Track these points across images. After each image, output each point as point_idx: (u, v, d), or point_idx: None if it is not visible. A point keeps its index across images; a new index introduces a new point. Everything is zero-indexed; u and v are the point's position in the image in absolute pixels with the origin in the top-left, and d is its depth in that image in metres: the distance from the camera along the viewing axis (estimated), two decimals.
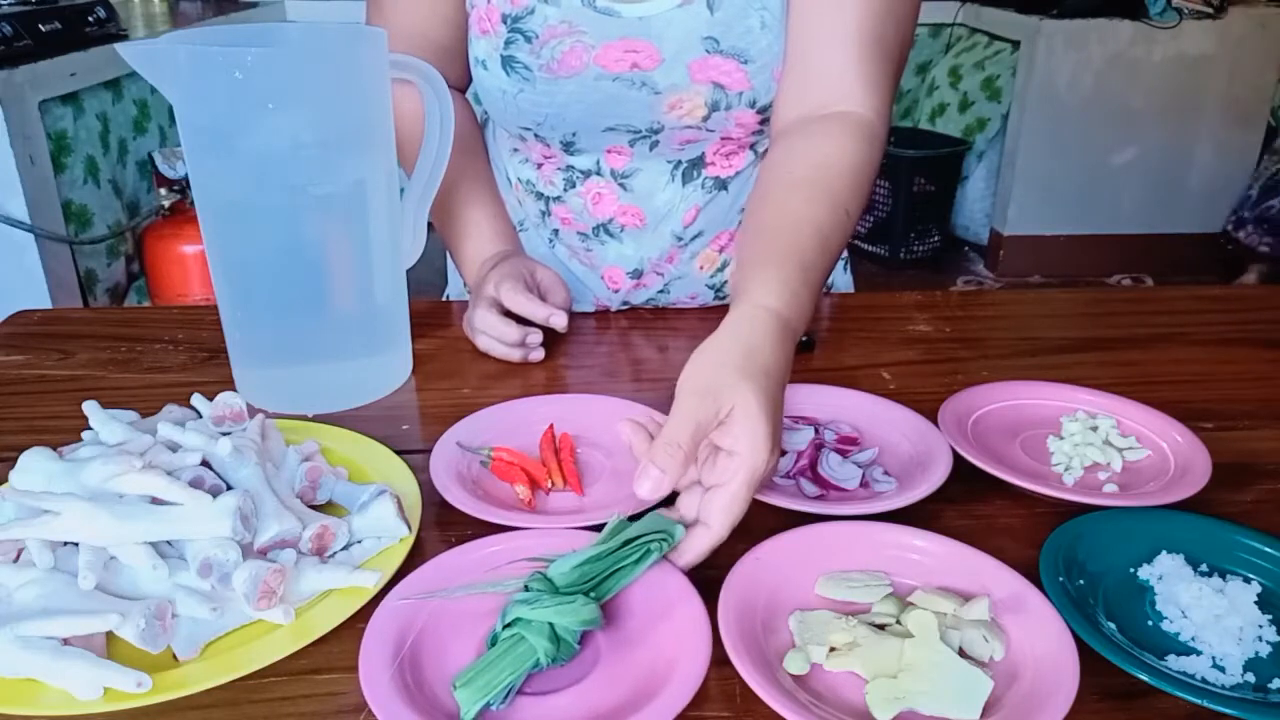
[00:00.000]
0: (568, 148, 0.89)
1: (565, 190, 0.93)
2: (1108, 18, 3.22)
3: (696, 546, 0.55)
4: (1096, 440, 0.69)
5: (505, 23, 0.82)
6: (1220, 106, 3.34)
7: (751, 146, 0.91)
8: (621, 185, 0.91)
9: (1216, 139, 3.38)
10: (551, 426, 0.71)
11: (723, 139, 0.88)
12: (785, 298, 0.64)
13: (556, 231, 0.96)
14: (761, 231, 0.71)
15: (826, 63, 0.79)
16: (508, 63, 0.83)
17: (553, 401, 0.76)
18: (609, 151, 0.89)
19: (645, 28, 0.81)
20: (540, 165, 0.93)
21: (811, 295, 0.67)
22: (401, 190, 0.81)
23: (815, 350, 0.88)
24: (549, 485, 0.66)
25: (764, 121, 0.87)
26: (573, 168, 0.91)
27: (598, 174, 0.91)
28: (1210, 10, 3.23)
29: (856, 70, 0.79)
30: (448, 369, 0.84)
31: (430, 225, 0.87)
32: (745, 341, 0.60)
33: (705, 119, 0.85)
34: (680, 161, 0.90)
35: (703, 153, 0.90)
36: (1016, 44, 3.40)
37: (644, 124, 0.86)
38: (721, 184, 0.92)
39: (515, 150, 0.95)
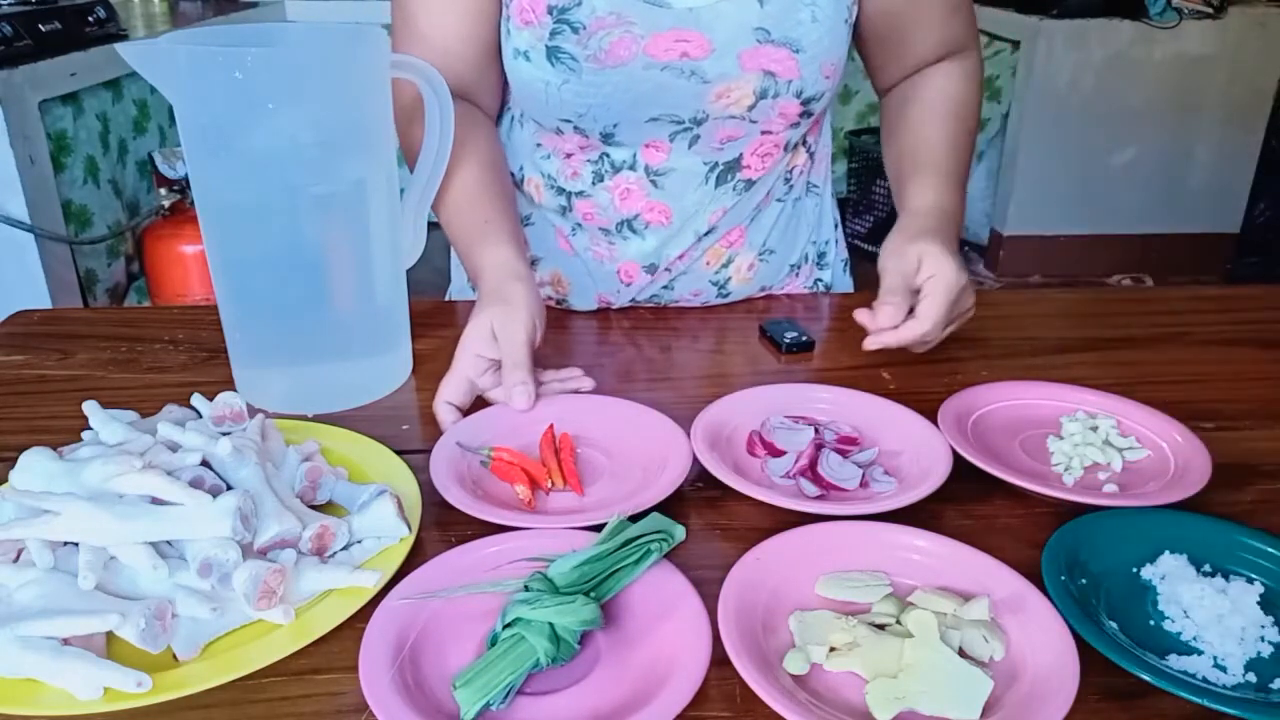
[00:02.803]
0: (606, 139, 0.89)
1: (593, 184, 0.93)
2: (1108, 18, 3.21)
3: (906, 333, 0.77)
4: (1096, 440, 0.69)
5: (551, 14, 0.82)
6: (1220, 106, 3.33)
7: (784, 145, 0.93)
8: (653, 182, 0.91)
9: (1216, 139, 3.38)
10: (551, 427, 0.71)
11: (763, 133, 0.89)
12: (933, 194, 0.87)
13: (579, 224, 0.96)
14: (905, 157, 0.92)
15: (925, 34, 0.93)
16: (553, 53, 0.83)
17: (553, 402, 0.76)
18: (647, 146, 0.89)
19: (695, 19, 0.82)
20: (570, 155, 0.93)
21: (955, 186, 0.89)
22: (401, 190, 0.81)
23: (815, 350, 0.88)
24: (549, 485, 0.66)
25: (804, 114, 0.88)
26: (606, 157, 0.91)
27: (631, 169, 0.91)
28: (1210, 10, 3.23)
29: (951, 31, 0.93)
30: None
31: (432, 225, 0.87)
32: (914, 223, 0.84)
33: (751, 108, 0.86)
34: (717, 163, 0.91)
35: (740, 154, 0.91)
36: (1016, 44, 3.40)
37: (688, 114, 0.86)
38: (750, 184, 0.93)
39: (539, 145, 0.95)
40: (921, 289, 0.79)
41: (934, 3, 0.91)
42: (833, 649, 0.50)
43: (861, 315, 0.80)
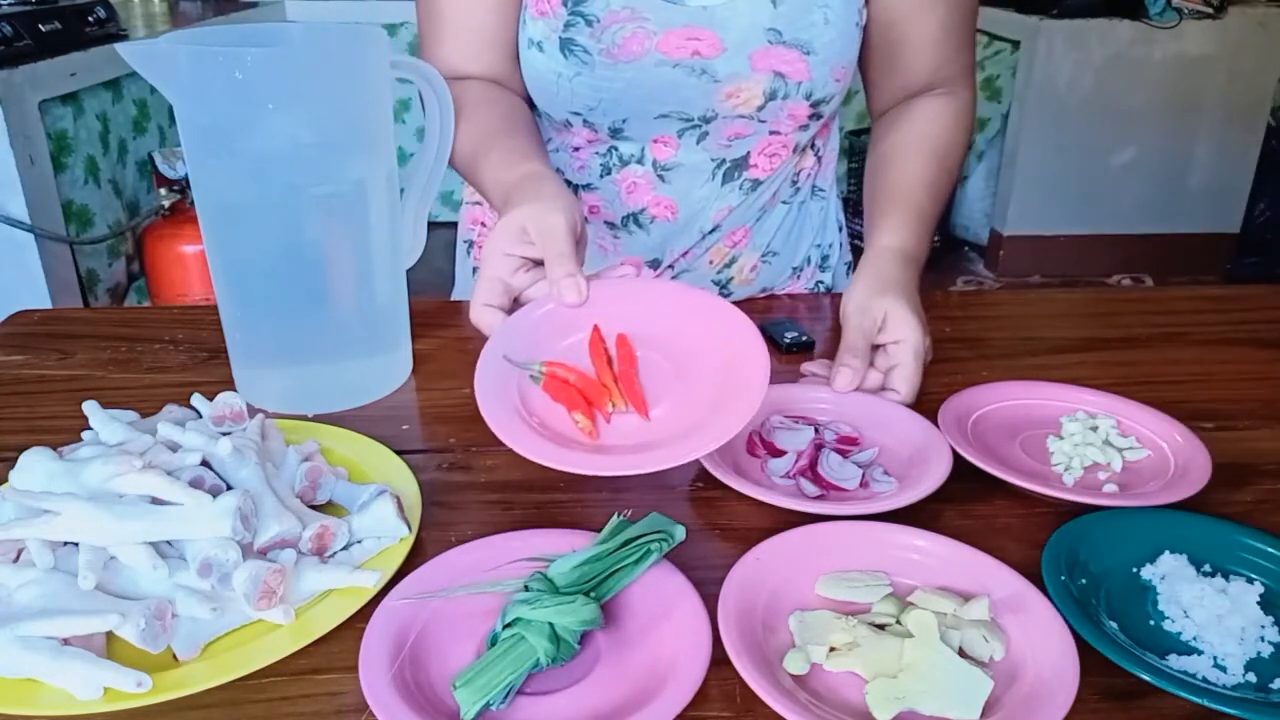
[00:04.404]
0: (615, 134, 0.89)
1: (600, 177, 0.92)
2: (1108, 18, 3.22)
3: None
4: (1096, 440, 0.69)
5: (565, 5, 0.82)
6: (1220, 106, 3.34)
7: (793, 148, 0.93)
8: (660, 177, 0.91)
9: (1216, 139, 3.39)
10: (597, 329, 0.64)
11: (771, 133, 0.89)
12: (903, 235, 0.84)
13: (585, 218, 0.96)
14: (882, 189, 0.89)
15: (919, 53, 0.91)
16: (566, 45, 0.83)
17: (604, 295, 0.66)
18: (655, 141, 0.89)
19: (709, 17, 0.82)
20: (578, 149, 0.92)
21: (925, 229, 0.86)
22: (402, 190, 0.81)
23: (816, 350, 0.88)
24: (610, 408, 0.61)
25: (813, 116, 0.88)
26: (614, 150, 0.91)
27: (639, 162, 0.91)
28: (1210, 10, 3.23)
29: (945, 55, 0.91)
30: (448, 369, 0.84)
31: (432, 225, 0.87)
32: (879, 271, 0.81)
33: (760, 108, 0.86)
34: (724, 160, 0.91)
35: (747, 153, 0.91)
36: (1016, 44, 3.40)
37: (698, 112, 0.86)
38: (756, 184, 0.93)
39: (549, 140, 0.94)
40: (889, 353, 0.76)
41: (931, 21, 0.89)
42: (833, 649, 0.50)
43: (815, 369, 0.78)
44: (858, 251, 1.11)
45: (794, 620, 0.52)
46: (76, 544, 0.52)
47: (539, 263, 0.70)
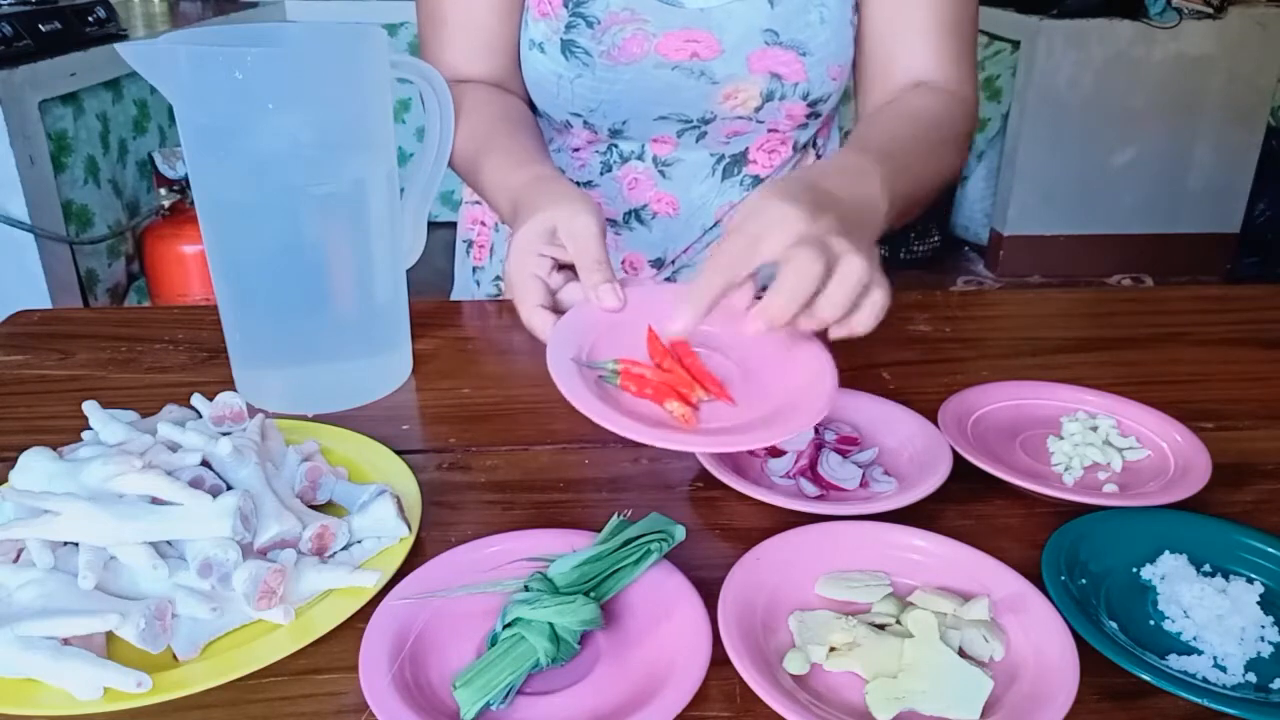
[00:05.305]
0: (615, 134, 0.89)
1: (601, 174, 0.93)
2: (1108, 18, 3.22)
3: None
4: (1096, 440, 0.69)
5: (566, 6, 0.82)
6: (1220, 106, 3.34)
7: (793, 145, 0.93)
8: (661, 172, 0.91)
9: (1216, 139, 3.38)
10: (651, 329, 0.65)
11: (769, 131, 0.89)
12: (865, 154, 0.68)
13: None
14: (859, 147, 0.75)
15: (910, 52, 0.86)
16: (567, 47, 0.83)
17: (639, 296, 0.67)
18: (655, 140, 0.90)
19: (706, 19, 0.82)
20: (578, 149, 0.93)
21: (897, 169, 0.69)
22: (402, 190, 0.81)
23: None
24: (697, 399, 0.61)
25: (811, 115, 0.89)
26: (614, 148, 0.91)
27: (639, 159, 0.91)
28: (1210, 10, 3.23)
29: (938, 59, 0.86)
30: (448, 369, 0.84)
31: (432, 225, 0.87)
32: (797, 174, 0.63)
33: (758, 109, 0.86)
34: (723, 156, 0.91)
35: (746, 149, 0.91)
36: (1016, 44, 3.40)
37: (697, 113, 0.86)
38: (756, 180, 0.93)
39: (549, 140, 0.95)
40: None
41: (920, 19, 0.85)
42: (833, 649, 0.50)
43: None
44: None
45: (794, 620, 0.52)
46: (76, 544, 0.52)
47: (564, 265, 0.69)
